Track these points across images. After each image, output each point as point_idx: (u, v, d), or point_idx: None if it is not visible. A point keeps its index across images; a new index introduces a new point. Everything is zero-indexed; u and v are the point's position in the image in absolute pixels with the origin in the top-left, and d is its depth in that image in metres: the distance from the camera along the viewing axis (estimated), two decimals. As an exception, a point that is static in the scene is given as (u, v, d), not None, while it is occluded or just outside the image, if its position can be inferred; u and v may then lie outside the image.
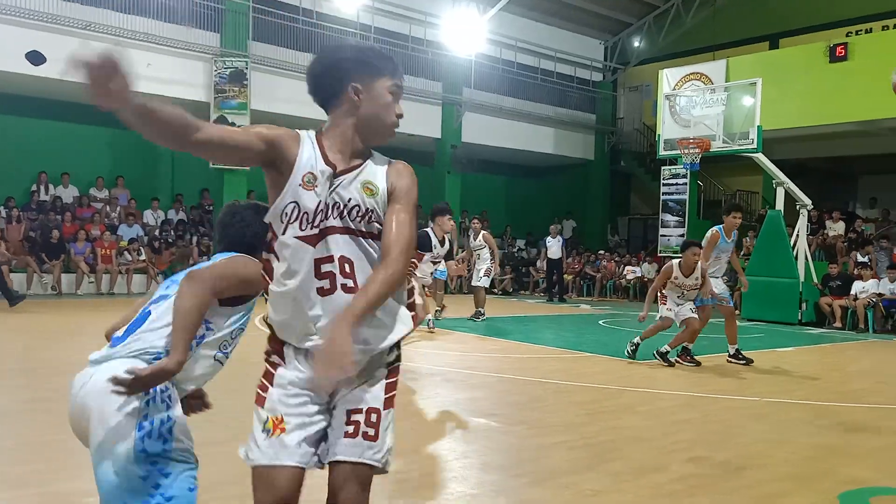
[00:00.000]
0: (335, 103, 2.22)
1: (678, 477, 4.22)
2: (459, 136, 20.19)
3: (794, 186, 13.88)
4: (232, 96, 16.26)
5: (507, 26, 20.95)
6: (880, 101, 14.42)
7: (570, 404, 6.22)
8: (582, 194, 24.06)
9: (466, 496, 3.86)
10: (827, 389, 7.27)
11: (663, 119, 15.61)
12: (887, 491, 4.11)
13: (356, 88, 2.18)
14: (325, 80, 2.22)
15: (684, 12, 22.34)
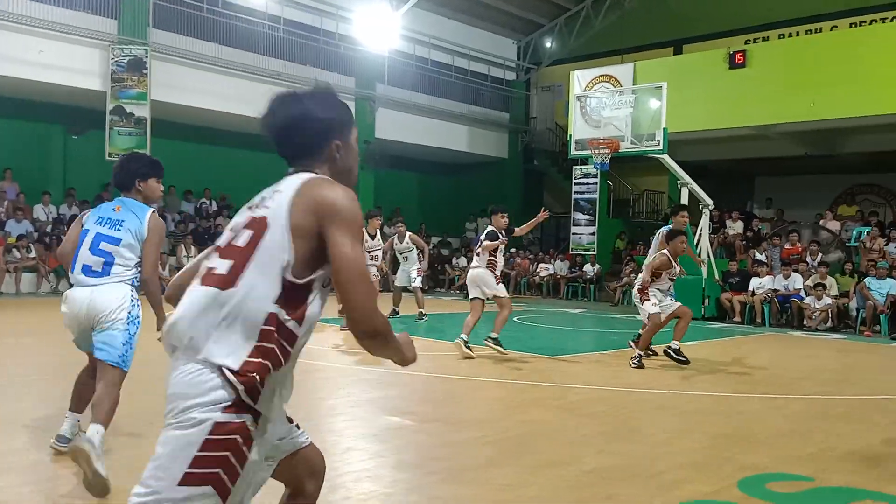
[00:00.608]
0: (312, 157, 2.12)
1: (589, 469, 4.30)
2: (373, 132, 20.04)
3: (697, 187, 14.44)
4: (130, 85, 15.56)
5: (420, 23, 20.93)
6: (775, 107, 15.21)
7: (484, 400, 6.26)
8: (496, 192, 24.29)
9: (380, 495, 3.81)
10: (728, 381, 7.59)
11: (574, 119, 15.94)
12: (782, 476, 4.31)
13: (338, 146, 2.15)
14: (309, 139, 2.12)
15: (594, 15, 22.91)
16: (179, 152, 18.82)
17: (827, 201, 19.19)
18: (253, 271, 1.89)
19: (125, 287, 4.12)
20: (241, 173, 20.25)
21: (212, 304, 1.88)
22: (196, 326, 1.89)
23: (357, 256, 1.89)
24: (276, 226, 1.91)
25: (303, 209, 1.91)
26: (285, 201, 1.93)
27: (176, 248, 17.23)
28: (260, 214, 1.97)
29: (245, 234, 1.96)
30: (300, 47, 18.55)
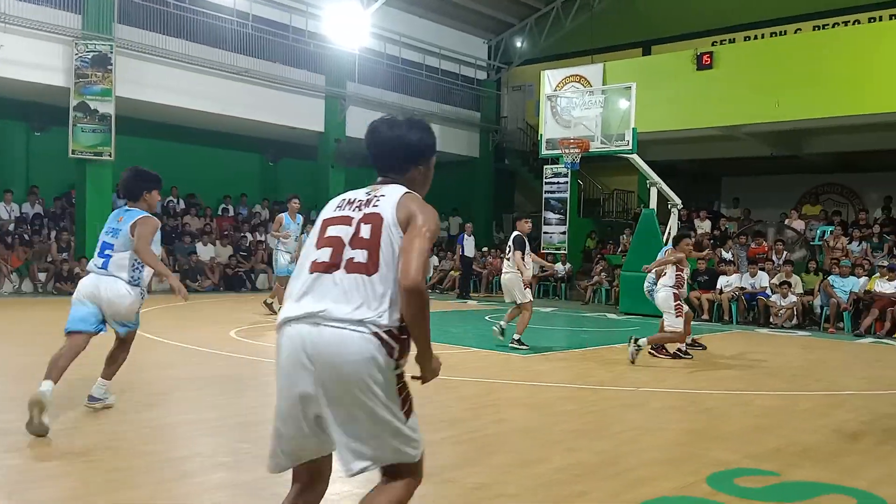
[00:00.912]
0: (400, 173, 2.65)
1: (559, 467, 4.33)
2: (343, 130, 19.93)
3: (666, 186, 14.60)
4: (95, 81, 15.27)
5: (391, 21, 20.87)
6: (742, 108, 15.41)
7: (455, 399, 6.26)
8: (467, 191, 24.35)
9: (352, 495, 3.80)
10: (695, 378, 7.69)
11: (545, 119, 16.00)
12: (750, 472, 4.38)
13: (420, 170, 2.70)
14: (402, 160, 2.65)
15: (564, 16, 23.03)
16: (145, 150, 18.48)
17: (792, 201, 19.52)
18: (382, 262, 2.43)
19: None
20: (208, 171, 20.07)
21: (362, 286, 2.41)
22: (342, 307, 2.40)
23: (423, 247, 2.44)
24: (388, 221, 2.47)
25: (402, 213, 2.48)
26: (392, 204, 2.50)
27: (142, 247, 16.95)
28: (374, 212, 2.51)
29: (367, 229, 2.47)
30: (269, 44, 18.38)
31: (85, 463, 4.17)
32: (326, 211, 2.65)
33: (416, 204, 2.52)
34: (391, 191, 2.55)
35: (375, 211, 2.50)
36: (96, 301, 5.22)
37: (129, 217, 5.24)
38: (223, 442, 4.72)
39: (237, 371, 7.30)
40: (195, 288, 16.92)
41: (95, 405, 5.37)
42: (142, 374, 7.03)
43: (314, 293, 2.43)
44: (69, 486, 3.77)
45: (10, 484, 3.78)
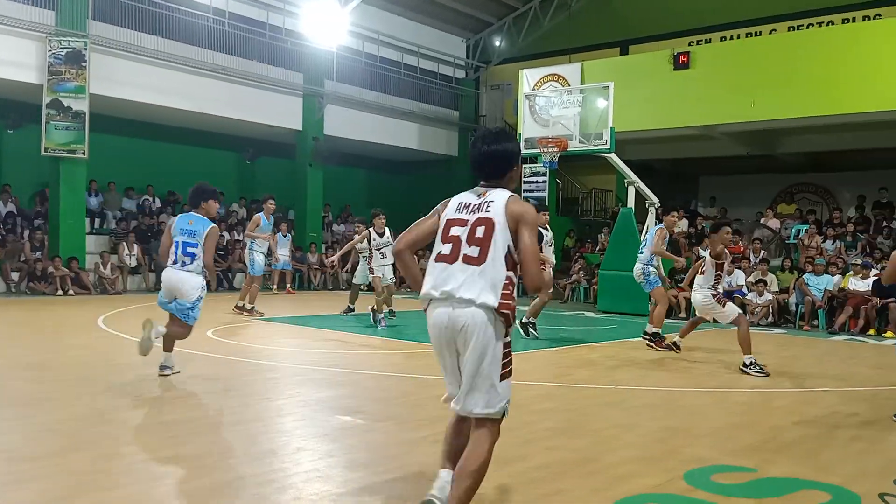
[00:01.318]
0: (501, 178, 3.37)
1: (538, 465, 4.33)
2: (321, 128, 19.84)
3: (644, 185, 14.69)
4: (68, 78, 15.05)
5: (369, 19, 20.80)
6: (718, 108, 15.56)
7: (436, 398, 6.21)
8: (446, 190, 23.93)
9: (332, 495, 3.77)
10: (673, 376, 7.74)
11: (523, 118, 16.04)
12: (727, 468, 4.42)
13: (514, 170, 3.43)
14: (504, 167, 3.37)
15: (542, 15, 23.10)
16: (120, 148, 18.32)
17: (767, 200, 19.75)
18: (491, 256, 3.15)
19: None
20: (184, 169, 19.80)
21: (475, 275, 3.14)
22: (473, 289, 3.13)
23: (536, 250, 3.20)
24: (498, 224, 3.17)
25: (510, 215, 3.18)
26: (501, 208, 3.20)
27: (117, 246, 16.75)
28: (486, 216, 3.21)
29: (481, 230, 3.19)
30: (246, 42, 18.23)
31: (60, 465, 4.11)
32: (448, 212, 3.35)
33: (519, 205, 3.23)
34: (497, 196, 3.27)
35: (488, 216, 3.21)
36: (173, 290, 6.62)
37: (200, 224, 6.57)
38: (199, 442, 4.67)
39: (214, 371, 7.23)
40: (171, 287, 16.75)
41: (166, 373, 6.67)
42: (118, 376, 6.95)
43: (445, 279, 3.19)
44: (44, 488, 3.71)
45: (-18, 487, 3.72)
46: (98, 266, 15.98)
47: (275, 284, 17.14)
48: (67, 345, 8.74)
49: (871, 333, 12.23)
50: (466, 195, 3.37)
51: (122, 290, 16.14)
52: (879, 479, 4.24)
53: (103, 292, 15.71)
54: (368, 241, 10.99)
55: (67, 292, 15.10)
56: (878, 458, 4.72)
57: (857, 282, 12.85)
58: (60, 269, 15.20)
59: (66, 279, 15.21)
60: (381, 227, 11.04)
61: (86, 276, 15.69)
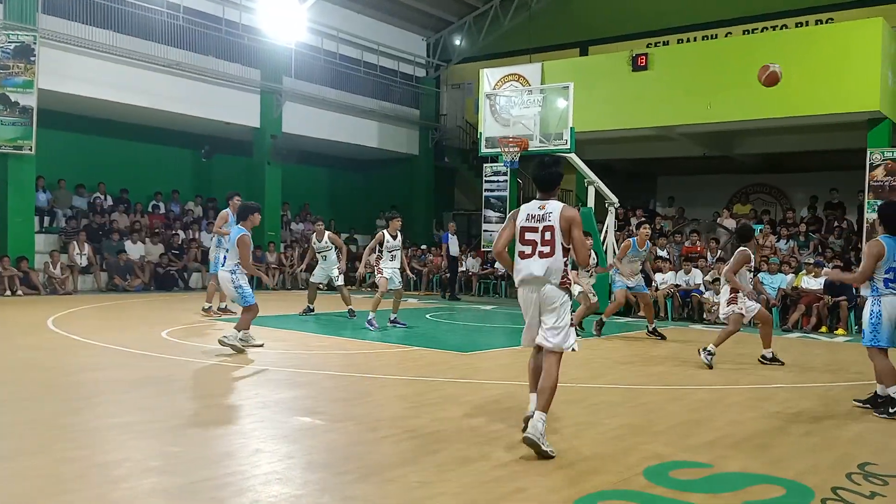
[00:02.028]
0: (553, 192, 4.90)
1: (500, 464, 4.33)
2: (280, 126, 19.61)
3: (603, 185, 14.82)
4: (16, 73, 14.62)
5: (328, 16, 20.63)
6: (675, 109, 15.77)
7: (395, 398, 6.21)
8: (407, 189, 24.27)
9: (291, 497, 3.72)
10: (631, 373, 7.83)
11: (484, 117, 16.05)
12: (685, 464, 4.47)
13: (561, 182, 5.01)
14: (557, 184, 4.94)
15: (502, 15, 23.18)
16: (70, 144, 17.85)
17: (724, 200, 20.11)
18: (556, 250, 4.69)
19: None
20: (138, 167, 19.43)
21: (547, 264, 4.68)
22: (547, 273, 4.68)
23: (583, 239, 4.82)
24: (557, 229, 4.69)
25: (563, 220, 4.69)
26: (558, 217, 4.70)
27: (68, 245, 16.30)
28: (550, 224, 4.71)
29: (547, 233, 4.71)
30: (201, 37, 17.91)
31: (11, 469, 3.98)
32: (520, 221, 4.84)
33: (569, 212, 4.76)
34: (554, 206, 4.78)
35: (551, 224, 4.74)
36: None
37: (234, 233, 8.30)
38: (153, 445, 4.57)
39: (167, 372, 7.08)
40: (124, 287, 16.40)
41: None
42: (68, 378, 6.76)
43: (527, 268, 4.78)
44: (-13, 495, 3.58)
45: (-78, 495, 3.57)
46: (48, 266, 15.54)
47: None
48: (15, 346, 8.48)
49: (823, 331, 12.52)
50: (531, 207, 4.85)
51: (72, 290, 15.73)
52: (832, 473, 4.33)
53: (53, 293, 15.29)
54: (380, 243, 10.77)
55: (16, 293, 14.67)
56: (830, 453, 4.83)
57: (809, 280, 13.15)
58: (8, 268, 14.76)
59: (14, 279, 14.77)
60: (395, 230, 10.89)
61: (35, 276, 15.25)
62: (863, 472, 4.36)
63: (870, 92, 13.63)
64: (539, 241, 4.73)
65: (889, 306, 5.83)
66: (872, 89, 13.60)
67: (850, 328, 12.36)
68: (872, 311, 5.92)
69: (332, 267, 12.49)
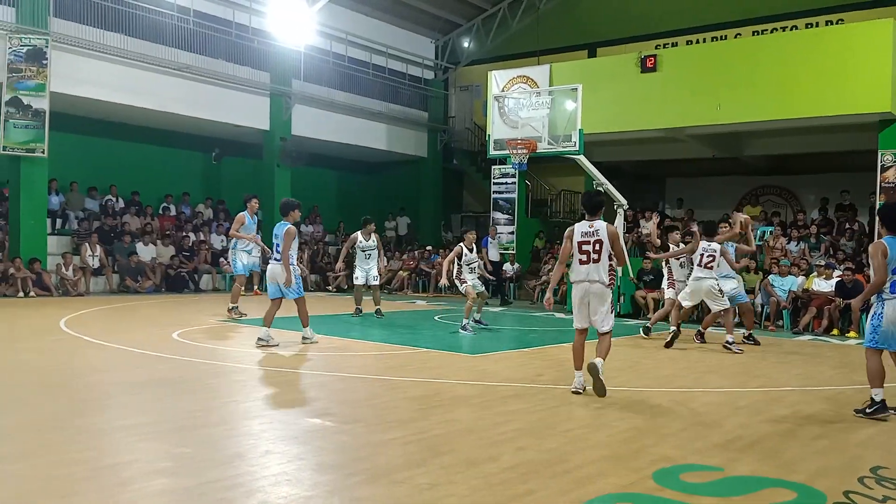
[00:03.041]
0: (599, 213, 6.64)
1: (508, 466, 4.32)
2: (289, 128, 19.67)
3: (612, 187, 14.78)
4: (29, 76, 14.73)
5: (337, 19, 20.69)
6: (684, 110, 15.72)
7: (404, 400, 6.22)
8: (415, 191, 24.30)
9: (300, 498, 3.73)
10: (640, 376, 7.81)
11: (493, 119, 16.03)
12: (695, 467, 4.45)
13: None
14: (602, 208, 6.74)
15: (510, 17, 23.19)
16: (82, 147, 17.98)
17: (733, 201, 20.02)
18: (604, 257, 6.51)
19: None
20: (149, 169, 19.55)
21: (598, 267, 6.52)
22: (599, 274, 6.51)
23: (622, 248, 7.70)
24: (605, 241, 6.51)
25: (609, 235, 6.52)
26: (604, 233, 6.50)
27: (80, 247, 16.40)
28: (599, 238, 6.48)
29: (597, 245, 6.49)
30: (211, 40, 18.01)
31: (21, 470, 4.01)
32: (576, 237, 6.56)
33: (612, 229, 6.52)
34: (600, 225, 6.52)
35: (599, 238, 6.46)
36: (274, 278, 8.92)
37: (280, 228, 8.93)
38: (162, 447, 4.59)
39: (179, 374, 7.11)
40: (135, 288, 16.49)
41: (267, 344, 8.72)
42: (78, 379, 6.80)
43: (586, 272, 6.49)
44: (4, 494, 3.62)
45: (-65, 496, 3.60)
46: (60, 267, 15.64)
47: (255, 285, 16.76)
48: (28, 347, 8.54)
49: (834, 334, 12.44)
50: (583, 226, 6.58)
51: (84, 291, 15.83)
52: (843, 477, 4.31)
53: (65, 294, 15.38)
54: (459, 256, 11.09)
55: (29, 294, 14.78)
56: (841, 456, 4.80)
57: (820, 282, 13.07)
58: (22, 270, 14.86)
59: (27, 281, 14.88)
60: (470, 242, 11.28)
61: (48, 278, 15.36)
62: (875, 476, 4.33)
63: (880, 93, 13.54)
64: (591, 251, 6.48)
65: (892, 310, 5.80)
66: (883, 90, 13.52)
67: (862, 330, 12.28)
68: (875, 313, 5.91)
69: (372, 267, 12.54)
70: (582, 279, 6.54)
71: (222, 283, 18.41)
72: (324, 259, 20.73)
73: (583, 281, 6.53)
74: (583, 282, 6.54)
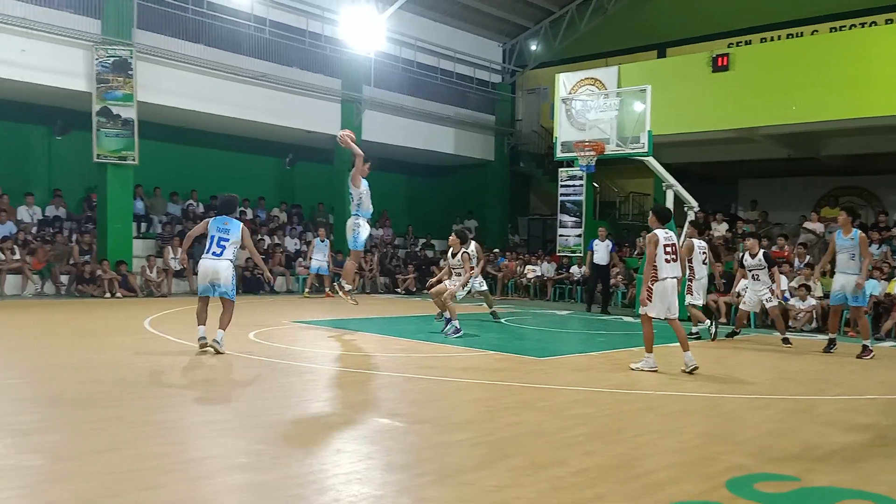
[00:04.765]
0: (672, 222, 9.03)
1: (576, 470, 4.32)
2: (360, 134, 19.96)
3: (682, 189, 14.52)
4: (116, 87, 15.46)
5: (406, 25, 20.95)
6: (758, 110, 15.32)
7: (471, 402, 6.27)
8: (482, 194, 24.36)
9: (370, 497, 3.81)
10: (711, 381, 7.65)
11: (560, 122, 15.97)
12: (770, 476, 4.34)
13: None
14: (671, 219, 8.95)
15: (578, 19, 23.02)
16: (165, 154, 18.74)
17: (811, 203, 19.37)
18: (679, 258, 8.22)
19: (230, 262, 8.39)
20: (227, 175, 20.22)
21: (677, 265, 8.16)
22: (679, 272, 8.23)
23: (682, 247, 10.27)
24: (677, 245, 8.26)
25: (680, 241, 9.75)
26: (677, 239, 8.39)
27: (163, 249, 17.11)
28: (673, 242, 8.10)
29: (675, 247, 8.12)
30: (286, 49, 18.51)
31: (108, 462, 4.21)
32: (661, 241, 7.92)
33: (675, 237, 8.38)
34: (672, 233, 8.22)
35: (673, 242, 8.09)
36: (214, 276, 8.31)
37: (234, 225, 8.43)
38: (241, 443, 4.76)
39: (256, 373, 7.35)
40: (213, 291, 17.08)
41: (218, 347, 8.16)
42: (160, 376, 7.10)
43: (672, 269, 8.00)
44: (89, 486, 3.82)
45: (34, 484, 3.84)
46: (144, 269, 16.34)
47: (306, 289, 17.37)
48: (114, 345, 8.96)
49: (919, 340, 11.92)
50: (666, 234, 8.00)
51: (167, 292, 16.48)
52: (926, 490, 4.14)
53: (149, 295, 16.05)
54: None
55: (115, 294, 15.47)
56: (925, 468, 4.61)
57: (904, 287, 12.53)
58: (108, 271, 15.58)
59: (113, 282, 15.58)
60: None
61: (133, 279, 16.06)
62: (960, 489, 4.15)
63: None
64: (672, 251, 7.96)
65: None
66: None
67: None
68: None
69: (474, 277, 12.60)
70: (669, 276, 7.94)
71: (296, 285, 18.90)
72: (392, 262, 20.98)
73: (670, 277, 7.94)
74: (670, 278, 7.94)
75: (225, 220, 8.48)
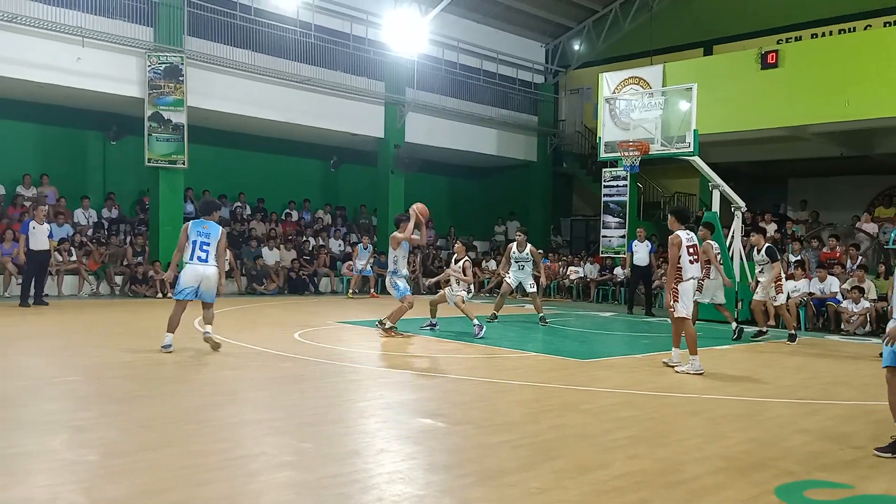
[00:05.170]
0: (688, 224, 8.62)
1: (620, 474, 4.29)
2: (403, 136, 20.15)
3: (729, 189, 14.27)
4: (168, 92, 15.85)
5: (449, 27, 21.01)
6: (809, 107, 14.98)
7: (513, 403, 6.27)
8: (524, 195, 24.29)
9: (413, 497, 3.84)
10: (759, 385, 7.51)
11: (604, 122, 15.84)
12: (821, 483, 4.25)
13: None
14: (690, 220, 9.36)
15: (622, 17, 22.79)
16: (213, 157, 19.16)
17: (864, 203, 18.84)
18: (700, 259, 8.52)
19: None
20: (273, 177, 20.62)
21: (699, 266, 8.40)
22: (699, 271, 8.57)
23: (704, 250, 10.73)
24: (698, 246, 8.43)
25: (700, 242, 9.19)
26: (697, 241, 8.52)
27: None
28: (694, 244, 8.23)
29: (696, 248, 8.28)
30: (331, 53, 18.75)
31: (159, 458, 4.33)
32: (685, 243, 8.06)
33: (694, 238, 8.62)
34: (695, 235, 8.39)
35: (694, 243, 8.24)
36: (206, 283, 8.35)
37: (213, 228, 8.42)
38: (287, 441, 4.84)
39: (301, 372, 7.46)
40: (261, 291, 17.38)
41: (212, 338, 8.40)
42: (208, 375, 7.26)
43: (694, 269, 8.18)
44: (143, 481, 3.93)
45: (89, 479, 3.96)
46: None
47: (350, 290, 17.63)
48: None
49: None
50: (688, 236, 8.17)
51: (217, 293, 16.81)
52: None
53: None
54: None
55: (167, 295, 15.83)
56: (984, 477, 4.46)
57: (963, 289, 12.10)
58: (160, 272, 15.96)
59: (164, 282, 15.95)
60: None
61: (182, 280, 16.42)
62: None
63: None
64: (694, 252, 8.14)
65: None
66: None
67: None
68: None
69: (527, 277, 12.74)
70: (694, 276, 8.20)
71: (340, 285, 19.13)
72: (434, 263, 21.05)
73: (695, 278, 8.24)
74: (694, 278, 8.22)
75: (204, 224, 8.43)
